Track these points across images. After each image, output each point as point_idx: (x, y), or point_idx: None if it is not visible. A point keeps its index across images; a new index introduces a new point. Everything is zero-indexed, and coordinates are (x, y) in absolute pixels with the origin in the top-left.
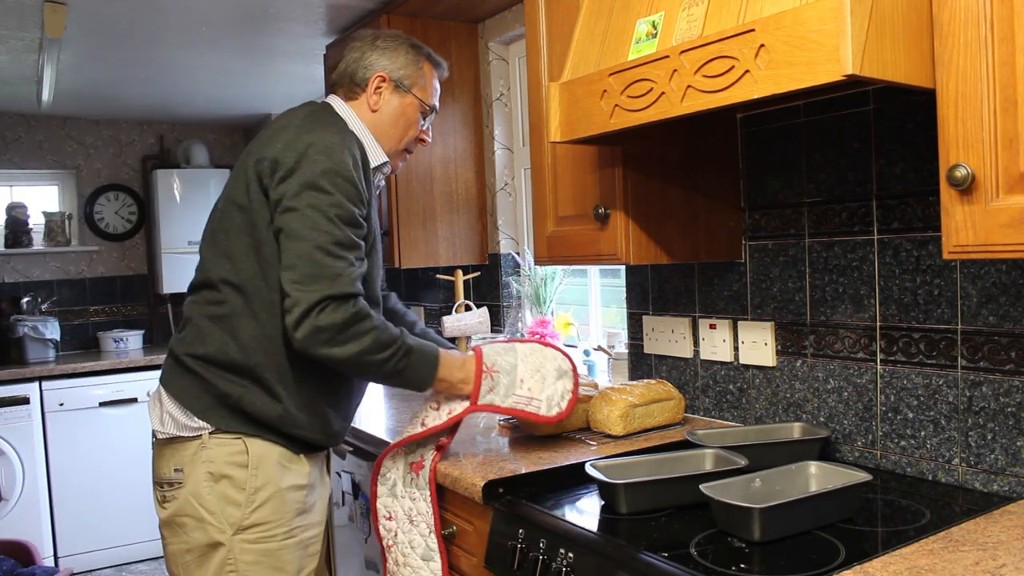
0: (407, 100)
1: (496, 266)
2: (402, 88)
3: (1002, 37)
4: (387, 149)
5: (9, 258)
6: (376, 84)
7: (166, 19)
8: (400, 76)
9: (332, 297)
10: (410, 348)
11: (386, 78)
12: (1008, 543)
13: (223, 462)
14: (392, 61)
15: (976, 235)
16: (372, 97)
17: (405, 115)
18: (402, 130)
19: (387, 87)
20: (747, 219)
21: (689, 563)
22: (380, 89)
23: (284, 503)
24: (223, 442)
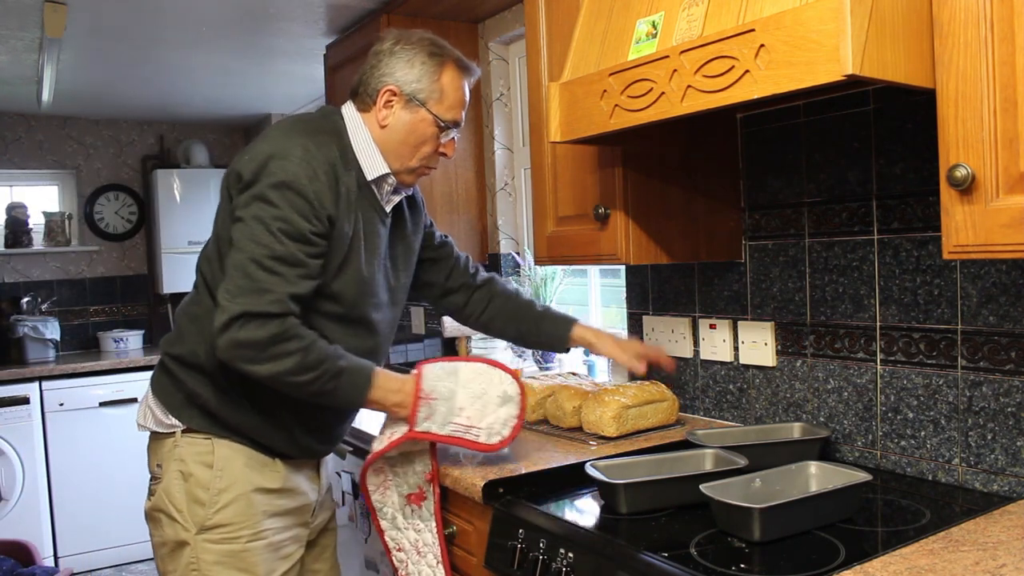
0: (420, 116)
1: (496, 266)
2: (415, 103)
3: (1002, 37)
4: (397, 167)
5: (9, 258)
6: (386, 99)
7: (166, 19)
8: (413, 90)
9: (252, 314)
10: (340, 370)
11: (397, 92)
12: (1008, 543)
13: (191, 461)
14: (406, 72)
15: (976, 235)
16: (381, 112)
17: (416, 132)
18: (413, 147)
19: (398, 102)
20: (747, 219)
21: (689, 563)
22: (391, 104)
23: (251, 505)
24: (193, 441)
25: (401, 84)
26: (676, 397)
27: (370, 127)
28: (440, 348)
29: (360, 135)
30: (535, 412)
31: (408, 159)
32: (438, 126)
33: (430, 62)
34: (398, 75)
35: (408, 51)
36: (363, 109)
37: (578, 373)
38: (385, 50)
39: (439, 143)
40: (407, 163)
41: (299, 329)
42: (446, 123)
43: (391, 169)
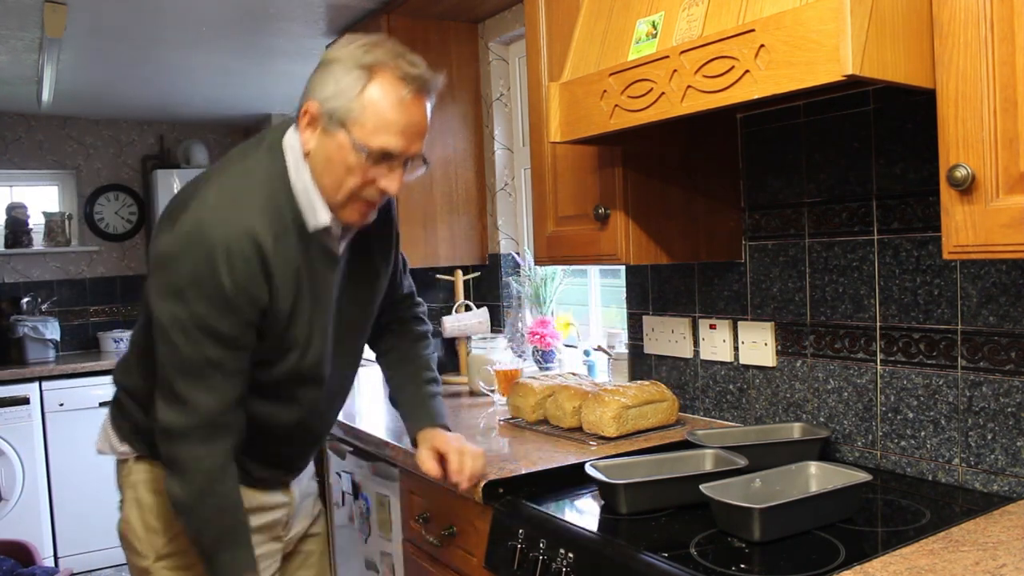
0: (336, 141)
1: (496, 266)
2: (332, 124)
3: (1002, 37)
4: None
5: (9, 258)
6: (307, 120)
7: (166, 19)
8: (331, 108)
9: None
10: (211, 555)
11: (314, 112)
12: (1008, 543)
13: (143, 488)
14: (325, 85)
15: (976, 235)
16: (304, 134)
17: (334, 161)
18: (335, 179)
19: (318, 123)
20: (747, 219)
21: (689, 563)
22: (312, 125)
23: None
24: (144, 468)
25: (321, 100)
26: (676, 397)
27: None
28: (440, 349)
29: (301, 176)
30: (535, 412)
31: (332, 193)
32: (359, 153)
33: (355, 72)
34: (318, 89)
35: (340, 57)
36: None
37: (578, 373)
38: (321, 59)
39: (369, 175)
40: (333, 198)
41: (203, 464)
42: (368, 151)
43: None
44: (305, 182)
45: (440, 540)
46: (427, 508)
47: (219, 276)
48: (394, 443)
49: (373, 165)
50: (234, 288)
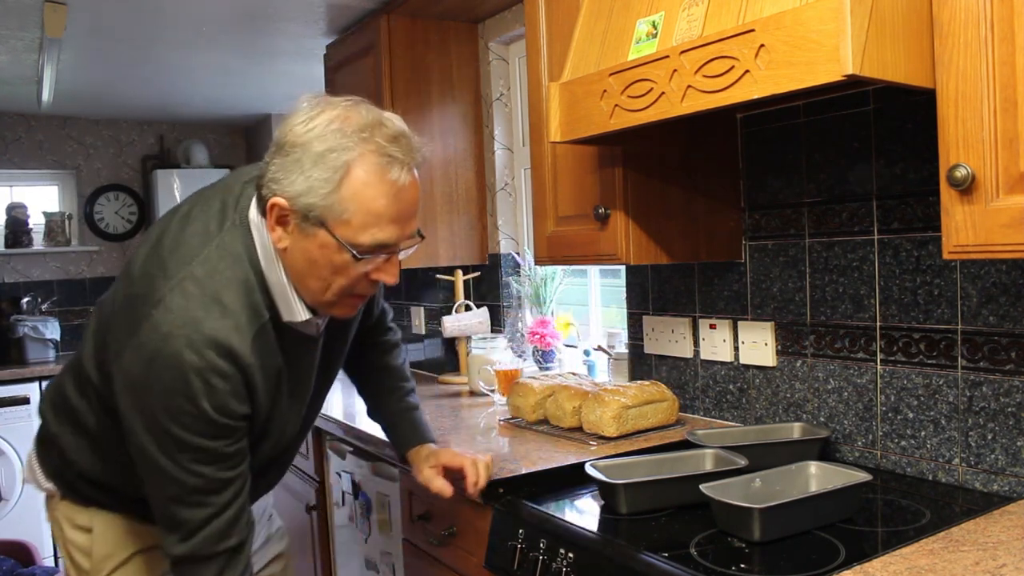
0: (319, 240)
1: (496, 266)
2: (309, 223)
3: (1002, 37)
4: (311, 301)
5: (9, 258)
6: (277, 215)
7: (166, 19)
8: (304, 206)
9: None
10: None
11: (286, 209)
12: (1008, 543)
13: (68, 526)
14: (293, 180)
15: (976, 235)
16: (274, 232)
17: (320, 263)
18: (322, 280)
19: (294, 218)
20: (747, 219)
21: (689, 563)
22: (285, 221)
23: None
24: (70, 506)
25: (291, 196)
26: (676, 397)
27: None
28: (440, 348)
29: (273, 269)
30: (535, 412)
31: (319, 294)
32: (347, 252)
33: (329, 160)
34: (284, 183)
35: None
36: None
37: (578, 373)
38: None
39: (360, 271)
40: (319, 298)
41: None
42: (360, 250)
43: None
44: (279, 276)
45: (440, 540)
46: (427, 508)
47: (198, 401)
48: None
49: (365, 260)
50: (217, 411)
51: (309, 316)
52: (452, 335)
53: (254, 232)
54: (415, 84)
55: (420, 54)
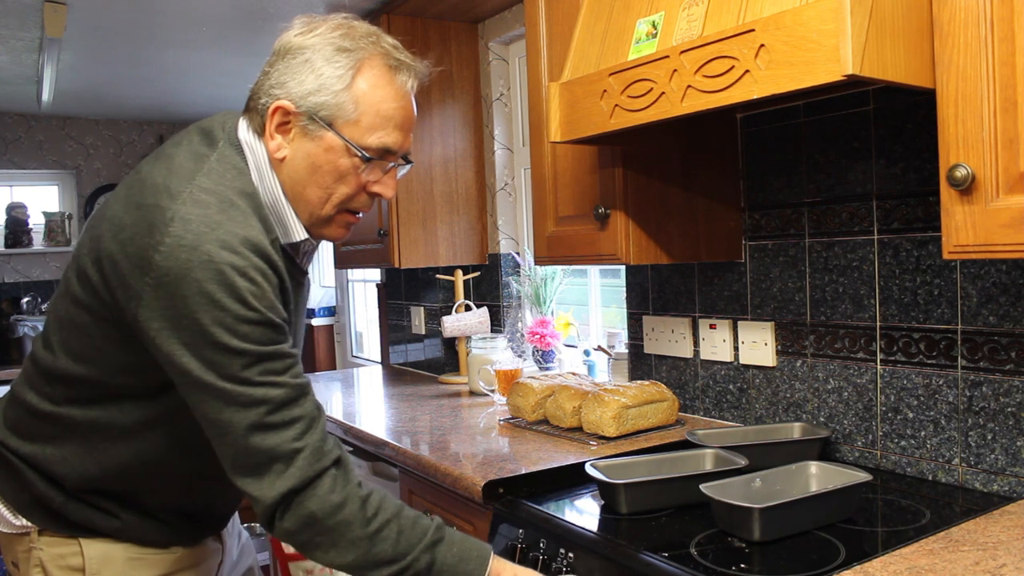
0: (325, 143)
1: (496, 266)
2: (316, 124)
3: (1002, 37)
4: (304, 216)
5: (9, 258)
6: (278, 120)
7: (166, 19)
8: (312, 105)
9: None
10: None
11: (291, 111)
12: (1008, 543)
13: (54, 566)
14: (301, 80)
15: (976, 235)
16: (273, 140)
17: (323, 168)
18: (322, 189)
19: (296, 124)
20: (747, 219)
21: (689, 563)
22: (286, 127)
23: None
24: (54, 542)
25: (296, 98)
26: (676, 397)
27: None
28: (440, 349)
29: (267, 185)
30: (535, 412)
31: (318, 206)
32: (354, 155)
33: (339, 60)
34: (292, 84)
35: (311, 47)
36: (257, 132)
37: (578, 373)
38: (283, 46)
39: (362, 179)
40: (318, 211)
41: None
42: (366, 151)
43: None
44: (274, 193)
45: None
46: (427, 508)
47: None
48: (393, 443)
49: (367, 168)
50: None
51: (307, 236)
52: (452, 335)
53: (246, 152)
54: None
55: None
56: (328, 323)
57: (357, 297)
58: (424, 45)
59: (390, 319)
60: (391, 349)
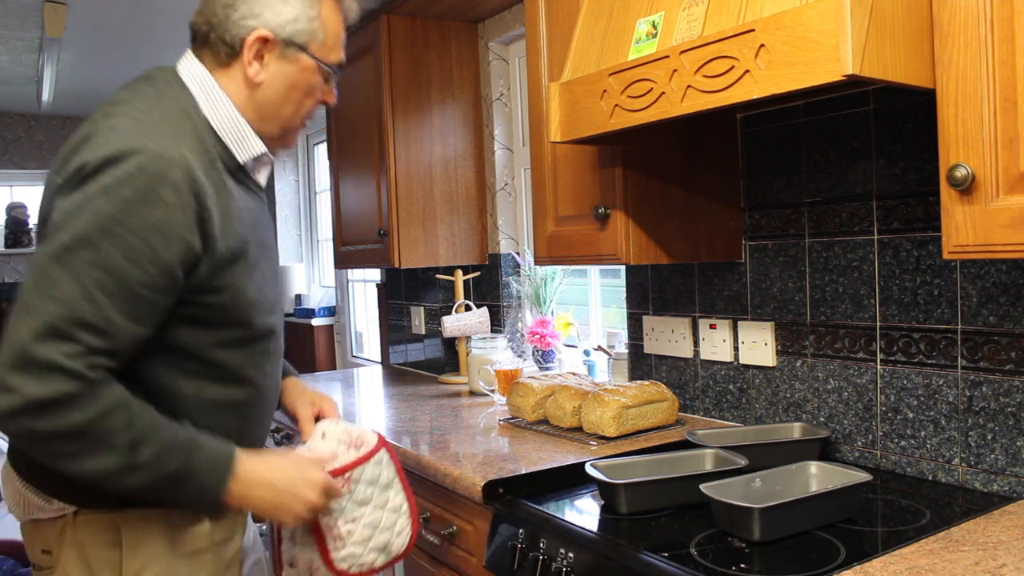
0: (302, 64)
1: (496, 266)
2: (293, 48)
3: (1002, 37)
4: (274, 130)
5: (9, 258)
6: (256, 49)
7: (166, 19)
8: (291, 33)
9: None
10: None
11: (270, 39)
12: (1008, 543)
13: (93, 544)
14: (277, 11)
15: (976, 235)
16: (251, 67)
17: (299, 86)
18: (296, 104)
19: (272, 51)
20: (747, 219)
21: (689, 563)
22: (262, 53)
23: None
24: (92, 521)
25: (274, 27)
26: (676, 397)
27: (231, 90)
28: (440, 349)
29: (220, 109)
30: (535, 412)
31: (290, 119)
32: (322, 73)
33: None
34: (267, 15)
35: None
36: (220, 65)
37: (578, 373)
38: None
39: (320, 93)
40: (289, 123)
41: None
42: (331, 67)
43: (264, 135)
44: (229, 113)
45: (440, 540)
46: (427, 508)
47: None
48: (394, 443)
49: (327, 81)
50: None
51: (264, 149)
52: (452, 335)
53: (189, 84)
54: (415, 84)
55: (420, 54)
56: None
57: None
58: (424, 45)
59: (390, 319)
60: (391, 349)
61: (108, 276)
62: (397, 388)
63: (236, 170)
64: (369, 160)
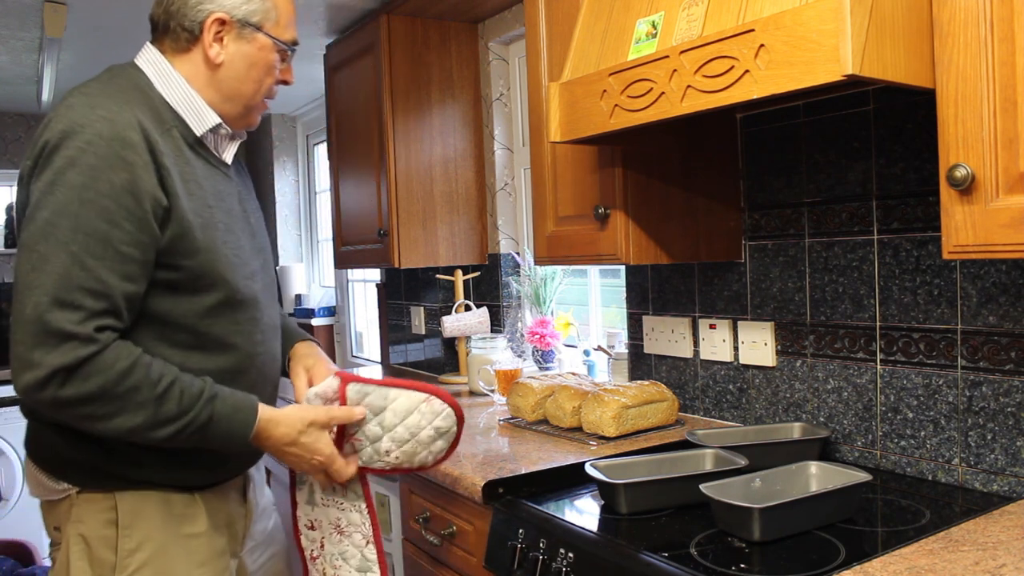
0: (258, 43)
1: (496, 266)
2: (249, 29)
3: (1002, 37)
4: (239, 110)
5: (9, 258)
6: (215, 31)
7: None
8: (245, 13)
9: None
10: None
11: (226, 20)
12: (1008, 543)
13: (92, 522)
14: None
15: (976, 235)
16: (212, 49)
17: (258, 64)
18: (256, 82)
19: (229, 32)
20: (747, 219)
21: (689, 563)
22: (221, 35)
23: (173, 558)
24: (91, 500)
25: (229, 9)
26: (676, 397)
27: (184, 69)
28: (440, 349)
29: (173, 83)
30: (535, 412)
31: (252, 97)
32: (279, 51)
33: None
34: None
35: None
36: (178, 51)
37: (578, 373)
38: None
39: (278, 71)
40: (251, 101)
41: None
42: (287, 45)
43: (228, 114)
44: (183, 89)
45: (440, 540)
46: (427, 508)
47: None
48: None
49: (284, 59)
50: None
51: (219, 120)
52: (452, 335)
53: (144, 67)
54: (415, 84)
55: (420, 54)
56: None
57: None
58: (424, 45)
59: (390, 319)
60: (391, 349)
61: (92, 240)
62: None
63: (195, 143)
64: (369, 160)
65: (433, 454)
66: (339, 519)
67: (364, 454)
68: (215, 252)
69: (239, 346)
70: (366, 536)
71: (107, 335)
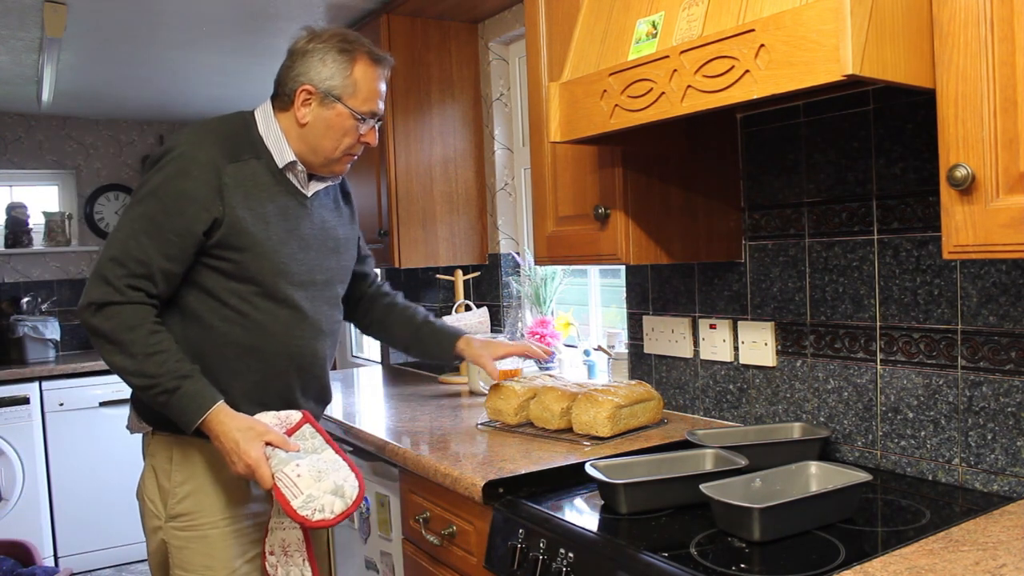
0: (336, 111)
1: (496, 266)
2: (330, 99)
3: (1002, 37)
4: (321, 160)
5: (9, 258)
6: (303, 98)
7: (166, 19)
8: (328, 87)
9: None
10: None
11: (312, 91)
12: (1008, 543)
13: (159, 456)
14: (318, 71)
15: (976, 235)
16: (300, 111)
17: (335, 127)
18: (335, 141)
19: (314, 99)
20: (747, 219)
21: (689, 563)
22: (308, 102)
23: (208, 495)
24: (159, 439)
25: (315, 83)
26: (660, 396)
27: (286, 125)
28: None
29: (271, 128)
30: (516, 416)
31: (331, 152)
32: (355, 119)
33: (341, 58)
34: (311, 74)
35: (320, 49)
36: (282, 108)
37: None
38: (298, 50)
39: (359, 134)
40: (331, 155)
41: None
42: (362, 115)
43: (312, 162)
44: (276, 135)
45: (440, 540)
46: (427, 508)
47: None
48: (394, 443)
49: (363, 124)
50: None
51: (294, 159)
52: None
53: (257, 113)
54: (415, 84)
55: (420, 54)
56: None
57: None
58: (424, 45)
59: None
60: (391, 349)
61: (150, 224)
62: (397, 388)
63: (277, 173)
64: (369, 160)
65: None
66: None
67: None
68: (264, 256)
69: (277, 335)
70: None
71: (136, 294)
